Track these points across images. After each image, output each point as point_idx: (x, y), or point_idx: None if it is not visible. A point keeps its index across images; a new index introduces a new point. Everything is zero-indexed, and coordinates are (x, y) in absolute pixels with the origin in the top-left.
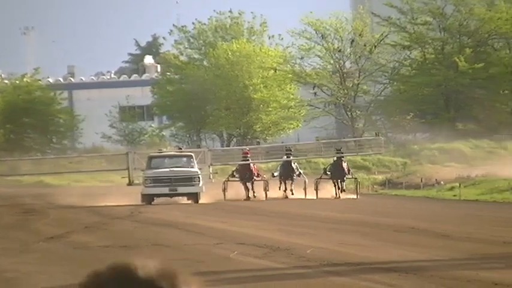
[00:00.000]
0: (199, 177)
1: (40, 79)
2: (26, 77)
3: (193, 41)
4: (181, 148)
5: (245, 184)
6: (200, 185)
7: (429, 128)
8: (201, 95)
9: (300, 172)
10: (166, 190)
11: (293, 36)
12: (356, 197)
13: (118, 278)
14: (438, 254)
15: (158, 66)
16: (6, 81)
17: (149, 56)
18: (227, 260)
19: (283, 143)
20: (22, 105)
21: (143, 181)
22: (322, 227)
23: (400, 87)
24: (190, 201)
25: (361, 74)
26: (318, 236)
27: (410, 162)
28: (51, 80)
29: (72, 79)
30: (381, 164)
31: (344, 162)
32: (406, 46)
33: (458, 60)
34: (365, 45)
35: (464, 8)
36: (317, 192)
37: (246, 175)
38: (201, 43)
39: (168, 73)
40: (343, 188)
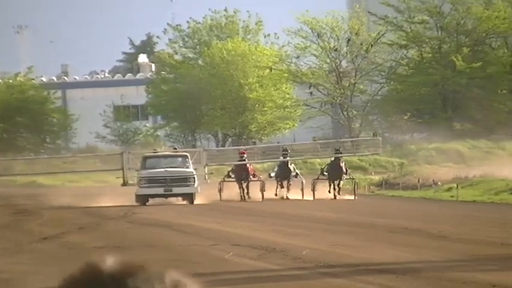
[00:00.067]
0: (194, 177)
1: (33, 78)
2: (20, 76)
3: (188, 40)
4: (176, 148)
5: (241, 184)
6: (195, 186)
7: (426, 128)
8: (196, 95)
9: (297, 173)
10: (161, 190)
11: (289, 35)
12: (354, 198)
13: (88, 280)
14: (435, 255)
15: (152, 65)
16: None
17: (143, 55)
18: (222, 261)
19: (279, 143)
20: (15, 104)
21: (138, 181)
22: (318, 228)
23: (397, 86)
24: (185, 201)
25: (357, 74)
26: (314, 237)
27: (407, 162)
28: (44, 79)
29: (66, 78)
30: (378, 165)
31: (342, 162)
32: (403, 45)
33: (455, 59)
34: (361, 44)
35: (461, 7)
36: (314, 193)
37: (242, 175)
38: (196, 42)
39: (163, 72)
40: (339, 188)
